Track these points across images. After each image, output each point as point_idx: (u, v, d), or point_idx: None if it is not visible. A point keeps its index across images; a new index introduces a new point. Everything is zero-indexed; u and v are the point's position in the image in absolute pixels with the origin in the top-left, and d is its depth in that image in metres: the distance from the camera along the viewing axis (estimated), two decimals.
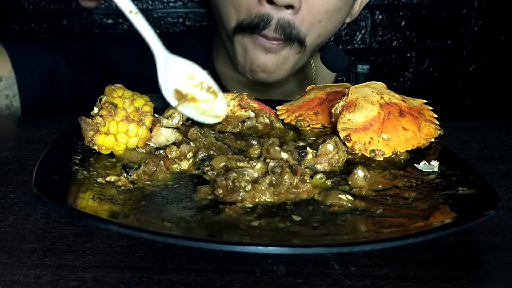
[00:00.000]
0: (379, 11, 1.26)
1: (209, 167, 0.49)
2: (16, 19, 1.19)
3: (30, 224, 0.42)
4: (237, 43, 0.83)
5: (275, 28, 0.77)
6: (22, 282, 0.35)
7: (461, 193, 0.45)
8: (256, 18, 0.77)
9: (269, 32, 0.78)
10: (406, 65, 1.31)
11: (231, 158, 0.49)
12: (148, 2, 1.20)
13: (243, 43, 0.82)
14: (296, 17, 0.78)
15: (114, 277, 0.35)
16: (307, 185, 0.45)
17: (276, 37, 0.78)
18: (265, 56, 0.82)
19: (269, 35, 0.78)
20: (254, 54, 0.82)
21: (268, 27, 0.77)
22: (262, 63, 0.82)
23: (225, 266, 0.37)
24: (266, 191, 0.44)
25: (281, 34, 0.78)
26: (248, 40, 0.81)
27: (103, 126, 0.52)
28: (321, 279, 0.36)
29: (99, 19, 1.19)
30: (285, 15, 0.77)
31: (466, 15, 1.28)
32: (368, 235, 0.39)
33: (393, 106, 0.57)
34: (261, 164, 0.47)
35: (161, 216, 0.41)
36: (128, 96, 0.54)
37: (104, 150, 0.53)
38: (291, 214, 0.41)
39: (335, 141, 0.52)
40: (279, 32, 0.78)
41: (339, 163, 0.52)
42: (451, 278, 0.36)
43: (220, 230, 0.39)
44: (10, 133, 0.69)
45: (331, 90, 0.64)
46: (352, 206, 0.43)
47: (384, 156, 0.54)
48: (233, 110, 0.64)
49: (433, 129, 0.58)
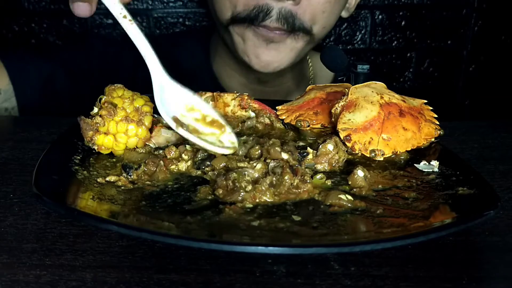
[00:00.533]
0: (379, 11, 1.26)
1: (210, 167, 0.49)
2: (16, 19, 1.19)
3: (30, 224, 0.42)
4: (234, 33, 0.82)
5: (277, 18, 0.77)
6: (22, 282, 0.35)
7: (461, 193, 0.45)
8: (255, 9, 0.77)
9: (271, 23, 0.77)
10: (406, 65, 1.31)
11: (232, 159, 0.49)
12: (148, 2, 1.20)
13: (241, 32, 0.81)
14: (297, 7, 0.77)
15: (114, 277, 0.35)
16: (308, 185, 0.45)
17: (279, 27, 0.77)
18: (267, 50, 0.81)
19: (272, 25, 0.77)
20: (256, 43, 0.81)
21: (268, 18, 0.76)
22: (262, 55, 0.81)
23: (225, 266, 0.37)
24: (266, 191, 0.44)
25: (284, 24, 0.77)
26: (247, 30, 0.80)
27: (102, 126, 0.52)
28: (321, 279, 0.36)
29: (99, 19, 1.19)
30: (286, 5, 0.76)
31: (466, 15, 1.28)
32: (368, 235, 0.39)
33: (393, 106, 0.57)
34: (262, 165, 0.47)
35: (161, 216, 0.41)
36: (128, 96, 0.54)
37: (104, 150, 0.53)
38: (291, 214, 0.41)
39: (335, 141, 0.52)
40: (282, 22, 0.77)
41: (339, 163, 0.52)
42: (451, 278, 0.36)
43: (220, 230, 0.39)
44: (10, 133, 0.69)
45: (331, 90, 0.64)
46: (352, 206, 0.43)
47: (384, 156, 0.54)
48: (234, 110, 0.64)
49: (433, 129, 0.58)
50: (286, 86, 0.97)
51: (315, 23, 0.81)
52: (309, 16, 0.79)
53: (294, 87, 0.99)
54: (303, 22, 0.79)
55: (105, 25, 1.19)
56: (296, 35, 0.80)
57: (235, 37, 0.83)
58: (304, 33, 0.80)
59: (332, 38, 1.28)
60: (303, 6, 0.77)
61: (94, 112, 0.53)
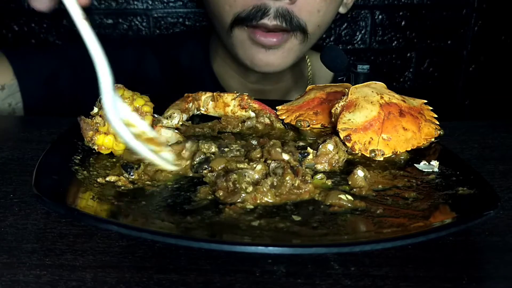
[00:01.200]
0: (379, 11, 1.26)
1: (207, 170, 0.48)
2: (16, 19, 1.19)
3: (30, 224, 0.42)
4: (235, 38, 0.83)
5: (274, 16, 0.78)
6: (22, 282, 0.35)
7: (461, 193, 0.45)
8: (253, 9, 0.78)
9: (269, 21, 0.78)
10: (406, 65, 1.32)
11: (231, 160, 0.49)
12: (148, 2, 1.20)
13: (241, 38, 0.82)
14: (293, 6, 0.78)
15: (114, 277, 0.35)
16: (309, 185, 0.45)
17: (277, 25, 0.78)
18: (266, 54, 0.82)
19: (270, 23, 0.78)
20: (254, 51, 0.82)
21: (266, 16, 0.78)
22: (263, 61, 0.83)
23: (225, 266, 0.37)
24: (268, 192, 0.44)
25: (282, 21, 0.78)
26: (246, 36, 0.81)
27: (102, 126, 0.52)
28: (321, 279, 0.36)
29: (99, 19, 1.19)
30: (282, 4, 0.77)
31: (466, 15, 1.28)
32: (368, 235, 0.39)
33: (393, 106, 0.57)
34: (262, 166, 0.47)
35: (161, 216, 0.41)
36: (128, 96, 0.54)
37: (104, 150, 0.53)
38: (291, 214, 0.41)
39: (335, 141, 0.52)
40: (280, 20, 0.78)
41: (339, 163, 0.52)
42: (451, 278, 0.36)
43: (220, 230, 0.39)
44: (10, 133, 0.69)
45: (331, 90, 0.64)
46: (352, 206, 0.43)
47: (384, 156, 0.54)
48: (234, 110, 0.64)
49: (433, 129, 0.58)
50: (285, 85, 0.98)
51: (310, 22, 0.82)
52: (305, 15, 0.80)
53: (293, 87, 0.99)
54: (299, 19, 0.80)
55: (105, 25, 1.19)
56: (294, 34, 0.81)
57: (235, 43, 0.84)
58: (300, 32, 0.81)
59: (332, 38, 1.28)
60: (299, 4, 0.79)
61: (94, 112, 0.53)
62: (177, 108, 0.62)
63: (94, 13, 1.18)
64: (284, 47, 0.82)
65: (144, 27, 1.21)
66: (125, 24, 1.20)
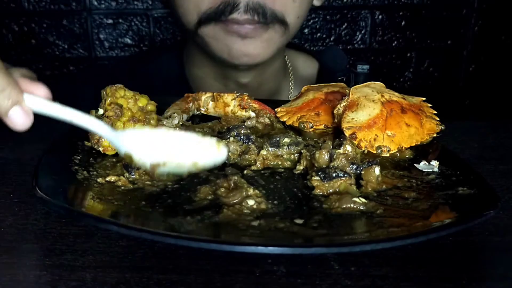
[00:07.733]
0: (379, 11, 1.26)
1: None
2: (16, 19, 1.19)
3: (30, 224, 0.42)
4: (205, 35, 0.80)
5: (244, 10, 0.75)
6: (22, 282, 0.35)
7: (461, 193, 0.45)
8: (221, 5, 0.75)
9: (240, 15, 0.75)
10: (406, 65, 1.31)
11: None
12: (148, 2, 1.20)
13: (212, 32, 0.79)
14: None
15: (114, 277, 0.35)
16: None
17: (248, 19, 0.76)
18: (244, 43, 0.79)
19: (241, 18, 0.75)
20: (229, 42, 0.79)
21: (236, 11, 0.75)
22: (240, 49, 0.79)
23: (225, 266, 0.37)
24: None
25: (254, 15, 0.75)
26: (218, 28, 0.78)
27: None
28: (321, 279, 0.36)
29: (99, 19, 1.19)
30: None
31: (466, 15, 1.28)
32: (368, 235, 0.39)
33: (394, 103, 0.57)
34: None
35: (161, 216, 0.41)
36: (130, 96, 0.53)
37: (110, 151, 0.52)
38: (291, 214, 0.41)
39: (351, 141, 0.51)
40: (251, 13, 0.75)
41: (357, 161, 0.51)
42: (451, 278, 0.36)
43: (220, 230, 0.39)
44: (10, 133, 0.69)
45: (328, 90, 0.64)
46: (366, 209, 0.43)
47: (390, 152, 0.54)
48: (234, 110, 0.64)
49: (435, 124, 0.58)
50: (267, 88, 0.94)
51: (288, 13, 0.79)
52: (280, 6, 0.78)
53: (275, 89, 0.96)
54: (274, 10, 0.77)
55: (105, 25, 1.19)
56: (272, 27, 0.78)
57: (207, 39, 0.81)
58: (279, 24, 0.79)
59: (332, 38, 1.28)
60: None
61: (99, 114, 0.53)
62: (177, 108, 0.62)
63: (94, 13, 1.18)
64: (262, 37, 0.79)
65: (144, 27, 1.21)
66: (125, 24, 1.19)
